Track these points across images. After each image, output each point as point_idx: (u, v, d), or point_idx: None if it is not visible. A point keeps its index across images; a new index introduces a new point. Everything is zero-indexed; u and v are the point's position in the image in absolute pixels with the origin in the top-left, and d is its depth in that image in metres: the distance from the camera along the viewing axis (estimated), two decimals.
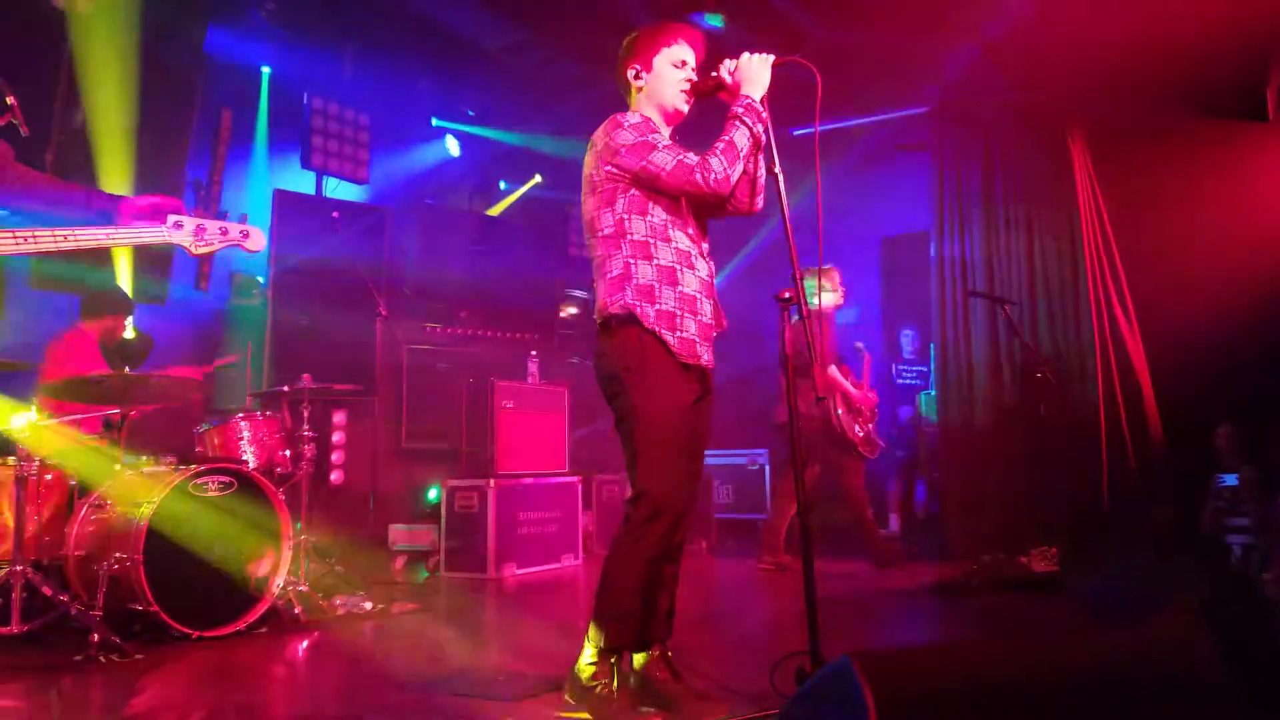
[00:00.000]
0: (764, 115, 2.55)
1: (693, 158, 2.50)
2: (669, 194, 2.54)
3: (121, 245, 2.55)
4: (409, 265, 7.14)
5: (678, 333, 2.50)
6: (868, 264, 8.39)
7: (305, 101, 6.52)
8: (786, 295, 2.47)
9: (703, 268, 2.62)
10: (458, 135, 7.72)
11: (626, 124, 2.56)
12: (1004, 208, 6.51)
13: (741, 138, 2.51)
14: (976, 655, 1.45)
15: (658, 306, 2.49)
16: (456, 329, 7.44)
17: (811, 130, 2.48)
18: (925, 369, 7.57)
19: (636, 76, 2.66)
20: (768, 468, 7.62)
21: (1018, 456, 6.56)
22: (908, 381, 7.85)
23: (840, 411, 5.41)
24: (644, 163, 2.50)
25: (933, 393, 7.03)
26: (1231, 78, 5.61)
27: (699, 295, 2.57)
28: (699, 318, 2.56)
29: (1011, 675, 1.39)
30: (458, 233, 7.53)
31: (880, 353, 7.89)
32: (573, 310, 8.42)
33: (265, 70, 6.46)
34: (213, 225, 2.68)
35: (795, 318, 2.52)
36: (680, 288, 2.53)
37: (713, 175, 2.47)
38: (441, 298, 7.41)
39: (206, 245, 2.69)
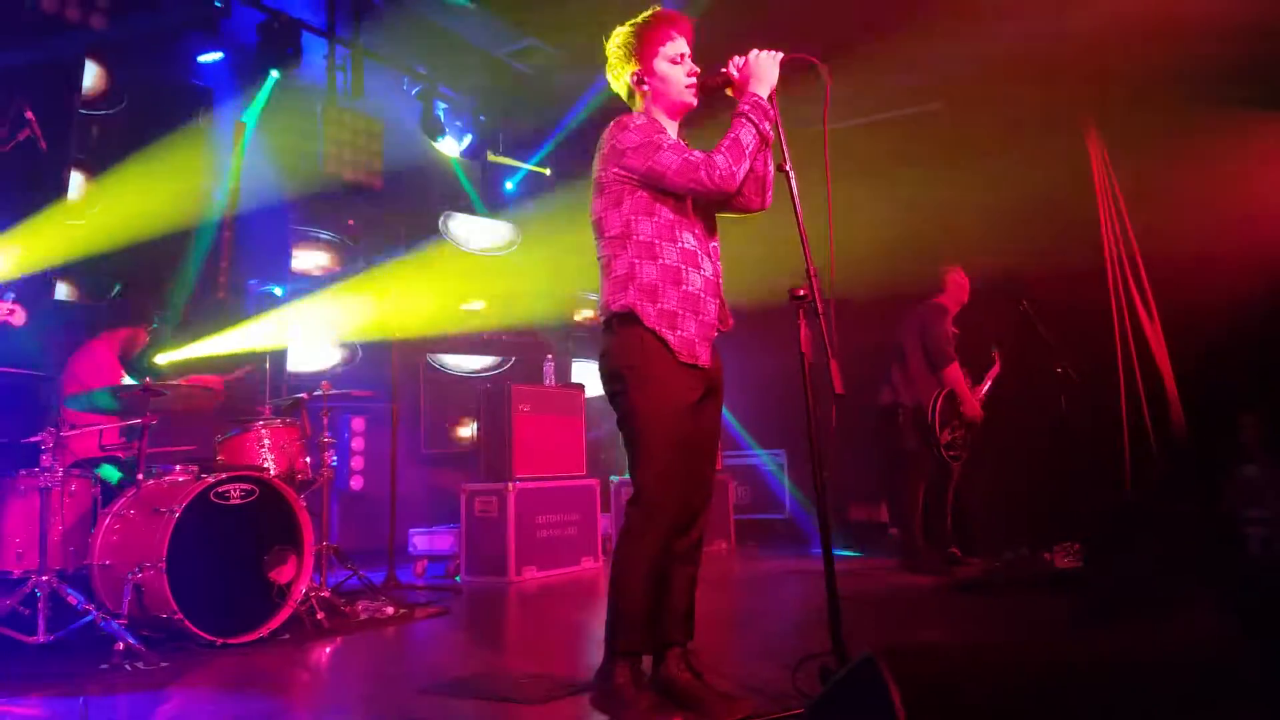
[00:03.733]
0: (771, 112, 2.53)
1: (698, 155, 2.49)
2: (675, 193, 2.53)
3: None
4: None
5: (677, 331, 2.50)
6: None
7: (318, 110, 6.55)
8: (801, 292, 2.44)
9: (709, 267, 2.61)
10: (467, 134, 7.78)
11: (631, 125, 2.56)
12: (1018, 201, 6.45)
13: (747, 135, 2.50)
14: (1003, 652, 1.43)
15: (659, 305, 2.49)
16: (473, 333, 7.47)
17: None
18: None
19: (640, 83, 2.63)
20: (786, 467, 7.59)
21: (1039, 451, 6.49)
22: None
23: (939, 405, 5.26)
24: (650, 163, 2.50)
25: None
26: (1250, 65, 5.53)
27: (702, 294, 2.56)
28: (700, 317, 2.55)
29: (1039, 672, 1.37)
30: (471, 235, 7.56)
31: None
32: (588, 313, 8.43)
33: (274, 74, 6.44)
34: None
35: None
36: (684, 287, 2.52)
37: (718, 172, 2.45)
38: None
39: None
